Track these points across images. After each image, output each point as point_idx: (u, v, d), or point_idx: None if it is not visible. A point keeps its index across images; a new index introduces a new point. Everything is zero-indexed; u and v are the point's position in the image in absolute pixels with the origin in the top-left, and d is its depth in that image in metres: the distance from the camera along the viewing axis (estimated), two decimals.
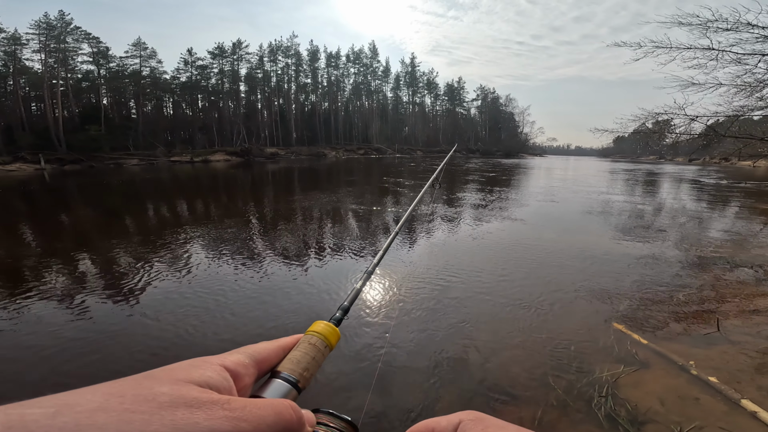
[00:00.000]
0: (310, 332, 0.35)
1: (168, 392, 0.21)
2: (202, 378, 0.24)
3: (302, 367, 0.31)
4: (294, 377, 0.30)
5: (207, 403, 0.22)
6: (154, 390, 0.21)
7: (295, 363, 0.31)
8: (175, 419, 0.20)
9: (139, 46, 41.86)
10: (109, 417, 0.19)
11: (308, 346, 0.33)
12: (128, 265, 4.24)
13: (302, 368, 0.31)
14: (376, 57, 64.65)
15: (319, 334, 0.35)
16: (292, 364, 0.31)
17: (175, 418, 0.20)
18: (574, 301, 3.23)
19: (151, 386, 0.21)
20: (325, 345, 0.34)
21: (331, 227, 6.41)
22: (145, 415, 0.19)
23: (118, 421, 0.19)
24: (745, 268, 4.20)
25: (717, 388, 2.03)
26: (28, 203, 10.12)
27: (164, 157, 33.60)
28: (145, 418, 0.19)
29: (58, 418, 0.18)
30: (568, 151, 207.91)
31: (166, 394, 0.21)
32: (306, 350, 0.33)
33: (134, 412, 0.19)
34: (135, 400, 0.20)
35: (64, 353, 2.45)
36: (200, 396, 0.22)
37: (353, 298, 0.45)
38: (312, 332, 0.35)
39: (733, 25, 5.09)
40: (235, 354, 0.29)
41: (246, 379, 0.28)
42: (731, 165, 43.07)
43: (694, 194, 13.00)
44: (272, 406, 0.25)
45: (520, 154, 76.43)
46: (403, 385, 2.12)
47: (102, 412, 0.19)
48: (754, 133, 6.46)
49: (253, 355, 0.30)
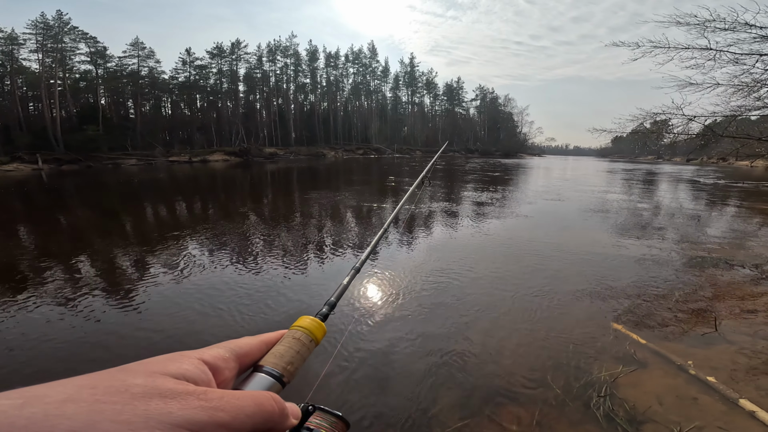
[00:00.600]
0: (294, 327, 0.34)
1: (142, 383, 0.21)
2: (179, 371, 0.24)
3: (286, 361, 0.31)
4: (277, 371, 0.30)
5: (182, 393, 0.21)
6: (127, 382, 0.21)
7: (279, 357, 0.31)
8: (149, 409, 0.20)
9: (137, 46, 41.74)
10: (79, 407, 0.18)
11: (292, 340, 0.33)
12: (127, 265, 4.22)
13: (286, 362, 0.31)
14: (375, 57, 64.67)
15: (304, 328, 0.34)
16: (276, 358, 0.31)
17: (148, 408, 0.20)
18: (573, 300, 3.23)
19: (125, 378, 0.21)
20: (311, 340, 0.34)
21: (334, 224, 6.40)
22: (117, 406, 0.19)
23: (88, 411, 0.18)
24: (743, 268, 4.21)
25: (715, 387, 2.03)
26: (25, 203, 10.07)
27: (162, 157, 33.50)
28: (116, 409, 0.19)
29: (25, 409, 0.17)
30: (567, 151, 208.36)
31: (140, 385, 0.21)
32: (290, 344, 0.32)
33: (106, 402, 0.19)
34: (107, 392, 0.20)
35: (61, 352, 2.44)
36: (175, 387, 0.22)
37: (340, 294, 0.44)
38: (297, 327, 0.34)
39: (730, 24, 5.10)
40: (215, 348, 0.28)
41: (226, 372, 0.27)
42: (729, 165, 43.23)
43: (692, 194, 13.04)
44: (252, 397, 0.24)
45: (518, 154, 76.55)
46: (401, 385, 2.11)
47: (71, 403, 0.18)
48: (751, 133, 6.48)
49: (234, 350, 0.29)
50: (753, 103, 5.81)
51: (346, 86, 63.52)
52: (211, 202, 9.81)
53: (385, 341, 2.57)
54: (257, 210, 8.36)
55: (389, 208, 8.46)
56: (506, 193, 11.56)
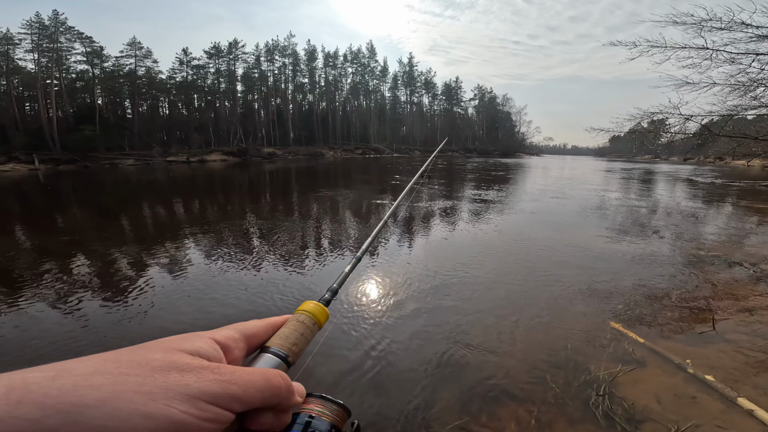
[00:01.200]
0: (299, 311, 0.36)
1: (161, 358, 0.23)
2: (194, 348, 0.25)
3: (291, 342, 0.32)
4: (283, 352, 0.31)
5: (197, 368, 0.23)
6: (147, 356, 0.22)
7: (284, 338, 0.32)
8: (168, 381, 0.21)
9: (134, 46, 41.55)
10: (105, 379, 0.20)
11: (297, 323, 0.34)
12: (127, 266, 4.19)
13: (291, 343, 0.32)
14: (374, 57, 64.64)
15: (308, 312, 0.36)
16: (281, 340, 0.32)
17: (167, 380, 0.21)
18: (572, 299, 3.23)
19: (145, 353, 0.23)
20: (314, 323, 0.36)
21: (342, 218, 6.39)
22: (138, 378, 0.21)
23: (113, 382, 0.20)
24: (741, 267, 4.22)
25: (713, 386, 2.04)
26: (22, 204, 10.00)
27: (160, 157, 33.37)
28: (138, 380, 0.20)
29: (57, 381, 0.19)
30: (565, 151, 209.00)
31: (159, 359, 0.22)
32: (295, 327, 0.34)
33: (128, 374, 0.21)
34: (129, 365, 0.21)
35: (59, 351, 2.42)
36: (191, 362, 0.23)
37: (342, 281, 0.46)
38: (301, 311, 0.36)
39: (727, 24, 5.12)
40: (225, 329, 0.30)
41: (236, 352, 0.29)
42: (726, 164, 43.47)
43: (689, 193, 13.09)
44: (261, 373, 0.26)
45: (516, 153, 76.73)
46: (399, 384, 2.10)
47: (98, 375, 0.20)
48: (748, 132, 6.52)
49: (242, 331, 0.31)
50: (749, 102, 5.85)
51: (344, 86, 63.48)
52: (211, 202, 9.77)
53: (383, 340, 2.56)
54: (272, 208, 8.34)
55: (392, 204, 8.45)
56: (512, 191, 11.58)
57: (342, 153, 50.12)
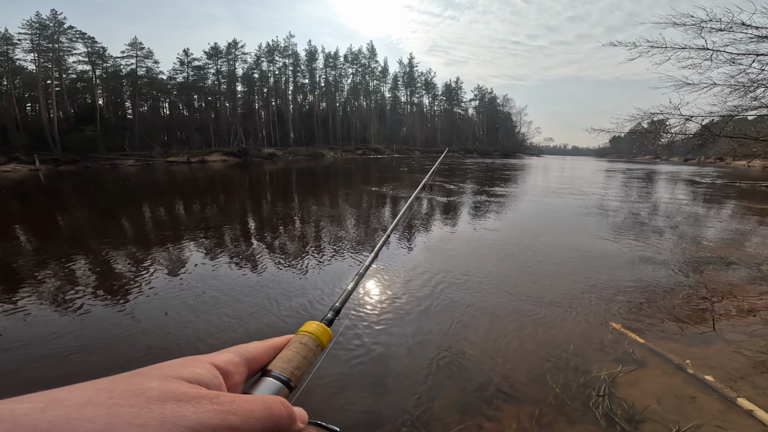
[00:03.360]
0: (301, 332, 0.35)
1: (157, 387, 0.22)
2: (192, 374, 0.24)
3: (293, 366, 0.31)
4: (285, 375, 0.30)
5: (196, 397, 0.22)
6: (143, 385, 0.21)
7: (286, 362, 0.31)
8: (164, 412, 0.20)
9: (135, 46, 41.61)
10: (98, 411, 0.19)
11: (299, 345, 0.33)
12: (129, 266, 4.20)
13: (293, 367, 0.31)
14: (374, 57, 64.68)
15: (310, 333, 0.35)
16: (283, 363, 0.31)
17: (164, 412, 0.20)
18: (572, 299, 3.23)
19: (140, 382, 0.22)
20: (317, 344, 0.34)
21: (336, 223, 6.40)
22: (134, 409, 0.20)
23: (107, 414, 0.19)
24: (741, 268, 4.22)
25: (713, 386, 2.04)
26: (22, 204, 10.02)
27: (160, 157, 33.39)
28: (134, 412, 0.19)
29: (47, 412, 0.18)
30: (565, 151, 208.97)
31: (155, 389, 0.21)
32: (297, 349, 0.33)
33: (123, 406, 0.20)
34: (124, 395, 0.20)
35: (58, 352, 2.42)
36: (189, 391, 0.22)
37: (345, 300, 0.44)
38: (303, 332, 0.35)
39: (727, 25, 5.13)
40: (225, 353, 0.29)
41: (236, 377, 0.28)
42: (726, 165, 43.45)
43: (689, 193, 13.09)
44: (262, 401, 0.25)
45: (517, 154, 76.68)
46: (398, 385, 2.11)
47: (91, 406, 0.19)
48: (748, 132, 6.52)
49: (243, 354, 0.30)
50: (750, 103, 5.85)
51: (345, 86, 63.53)
52: (214, 202, 9.78)
53: (382, 339, 2.57)
54: (273, 208, 8.34)
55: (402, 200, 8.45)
56: (523, 189, 11.59)
57: (342, 153, 50.14)
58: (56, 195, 12.19)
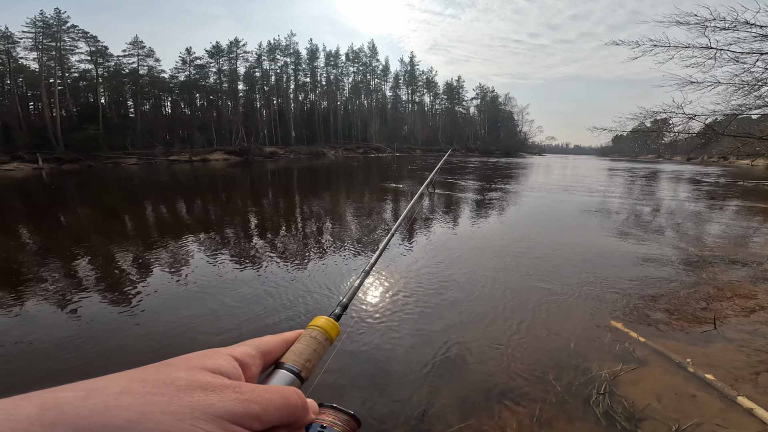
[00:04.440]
0: (311, 326, 0.37)
1: (185, 377, 0.23)
2: (214, 365, 0.26)
3: (304, 359, 0.33)
4: (297, 368, 0.32)
5: (220, 387, 0.24)
6: (172, 375, 0.23)
7: (298, 354, 0.33)
8: (193, 401, 0.22)
9: (136, 45, 41.70)
10: (133, 399, 0.20)
11: (310, 339, 0.35)
12: (133, 265, 4.23)
13: (304, 359, 0.33)
14: (376, 56, 64.60)
15: (319, 328, 0.36)
16: (295, 356, 0.33)
17: (192, 400, 0.22)
18: (573, 298, 3.24)
19: (169, 372, 0.23)
20: (326, 338, 0.36)
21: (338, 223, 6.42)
22: (165, 397, 0.21)
23: (141, 402, 0.20)
24: (743, 267, 4.22)
25: (714, 385, 2.05)
26: (26, 202, 10.09)
27: (162, 156, 33.51)
28: (165, 400, 0.21)
29: (88, 401, 0.19)
30: (567, 150, 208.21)
31: (183, 378, 0.23)
32: (308, 343, 0.34)
33: (155, 394, 0.21)
34: (155, 384, 0.22)
35: (63, 350, 2.46)
36: (213, 381, 0.24)
37: (351, 296, 0.46)
38: (313, 326, 0.36)
39: (731, 24, 5.10)
40: (242, 346, 0.31)
41: (253, 369, 0.29)
42: (730, 164, 43.17)
43: (692, 192, 13.03)
44: (279, 391, 0.27)
45: (519, 153, 76.42)
46: (399, 384, 2.12)
47: (127, 395, 0.20)
48: (752, 131, 6.49)
49: (259, 347, 0.31)
50: (753, 102, 5.82)
51: (346, 85, 63.52)
52: (216, 202, 9.82)
53: (383, 338, 2.58)
54: (275, 209, 8.37)
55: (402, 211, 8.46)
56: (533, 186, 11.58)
57: (343, 152, 50.14)
58: (60, 193, 12.26)
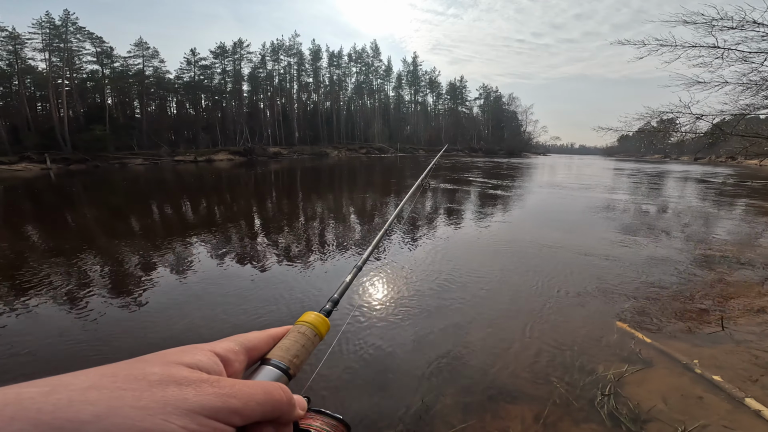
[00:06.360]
0: (300, 322, 0.36)
1: (159, 372, 0.22)
2: (193, 360, 0.25)
3: (292, 354, 0.32)
4: (284, 364, 0.31)
5: (196, 381, 0.23)
6: (145, 370, 0.22)
7: (285, 350, 0.32)
8: (165, 395, 0.21)
9: (141, 46, 42.07)
10: (101, 394, 0.19)
11: (298, 334, 0.34)
12: (138, 264, 4.29)
13: (292, 355, 0.32)
14: (378, 56, 64.61)
15: (308, 323, 0.35)
16: (282, 352, 0.32)
17: (165, 395, 0.21)
18: (578, 298, 3.23)
19: (143, 367, 0.22)
20: (315, 334, 0.35)
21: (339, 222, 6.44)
22: (135, 392, 0.20)
23: (109, 397, 0.19)
24: (751, 268, 4.17)
25: (721, 386, 2.04)
26: (34, 202, 10.24)
27: (168, 156, 33.78)
28: (135, 395, 0.20)
29: (52, 396, 0.18)
30: (572, 150, 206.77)
31: (157, 373, 0.22)
32: (296, 339, 0.33)
33: (125, 389, 0.20)
34: (126, 379, 0.21)
35: (70, 350, 2.50)
36: (190, 375, 0.23)
37: (343, 291, 0.45)
38: (302, 322, 0.36)
39: (738, 23, 5.05)
40: (225, 341, 0.30)
41: (236, 365, 0.28)
42: (738, 164, 42.61)
43: (700, 192, 12.89)
44: (261, 386, 0.25)
45: (523, 153, 75.99)
46: (402, 384, 2.13)
47: (94, 390, 0.19)
48: (760, 131, 6.40)
49: (243, 343, 0.30)
50: (762, 101, 5.74)
51: (349, 85, 63.60)
52: (220, 201, 9.90)
53: (385, 338, 2.60)
54: (278, 209, 8.43)
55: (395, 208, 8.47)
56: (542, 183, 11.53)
57: (346, 152, 50.21)
58: (69, 193, 12.42)
